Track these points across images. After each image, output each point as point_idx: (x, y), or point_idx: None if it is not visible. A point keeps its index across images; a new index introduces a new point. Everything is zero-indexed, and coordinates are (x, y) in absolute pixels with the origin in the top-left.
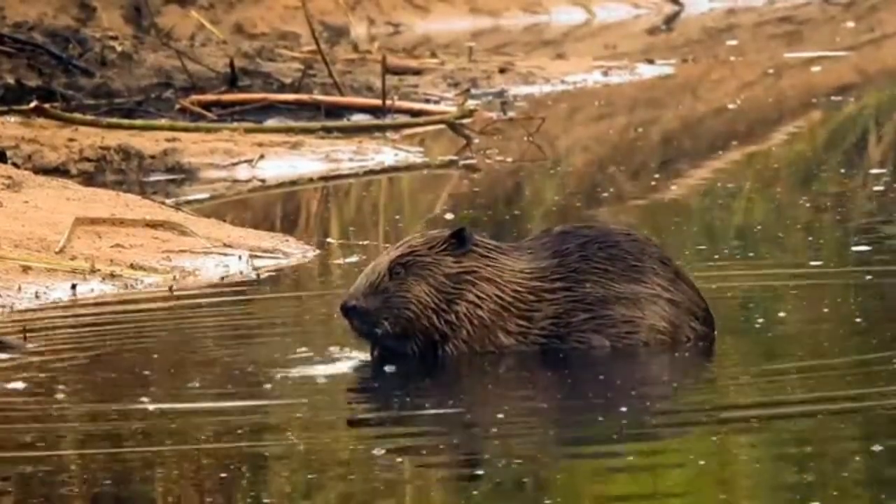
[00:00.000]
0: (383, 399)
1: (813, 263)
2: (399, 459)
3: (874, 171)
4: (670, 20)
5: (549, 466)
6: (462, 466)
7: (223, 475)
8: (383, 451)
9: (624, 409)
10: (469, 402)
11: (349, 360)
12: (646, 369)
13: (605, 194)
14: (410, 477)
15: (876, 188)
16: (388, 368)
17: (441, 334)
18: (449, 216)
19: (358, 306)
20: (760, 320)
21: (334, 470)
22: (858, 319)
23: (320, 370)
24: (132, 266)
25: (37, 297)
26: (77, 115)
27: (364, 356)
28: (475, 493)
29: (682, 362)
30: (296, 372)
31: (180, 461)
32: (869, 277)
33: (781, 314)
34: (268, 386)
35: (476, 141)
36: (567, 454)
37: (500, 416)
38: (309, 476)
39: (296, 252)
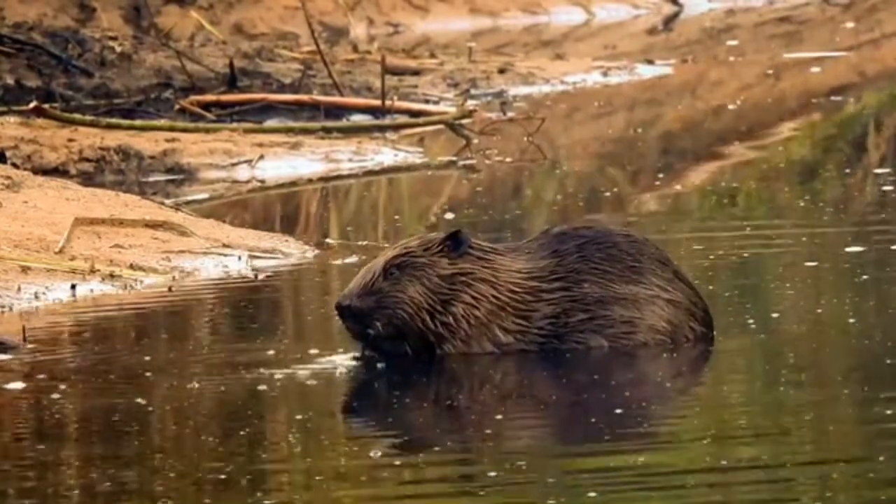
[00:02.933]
0: (380, 400)
1: (808, 263)
2: (397, 462)
3: (873, 170)
4: (670, 20)
5: (548, 467)
6: (460, 467)
7: (221, 477)
8: (380, 454)
9: (619, 410)
10: (466, 403)
11: (347, 360)
12: (645, 370)
13: (605, 194)
14: (408, 478)
15: (875, 188)
16: (380, 365)
17: (436, 335)
18: (449, 216)
19: (352, 306)
20: (753, 322)
21: (332, 472)
22: (852, 320)
23: (317, 371)
24: (132, 266)
25: (36, 297)
26: (76, 116)
27: (362, 356)
28: (473, 493)
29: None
30: (293, 373)
31: (178, 461)
32: (865, 277)
33: (775, 314)
34: (253, 388)
35: (475, 141)
36: (566, 454)
37: (499, 416)
38: (308, 477)
39: (295, 252)
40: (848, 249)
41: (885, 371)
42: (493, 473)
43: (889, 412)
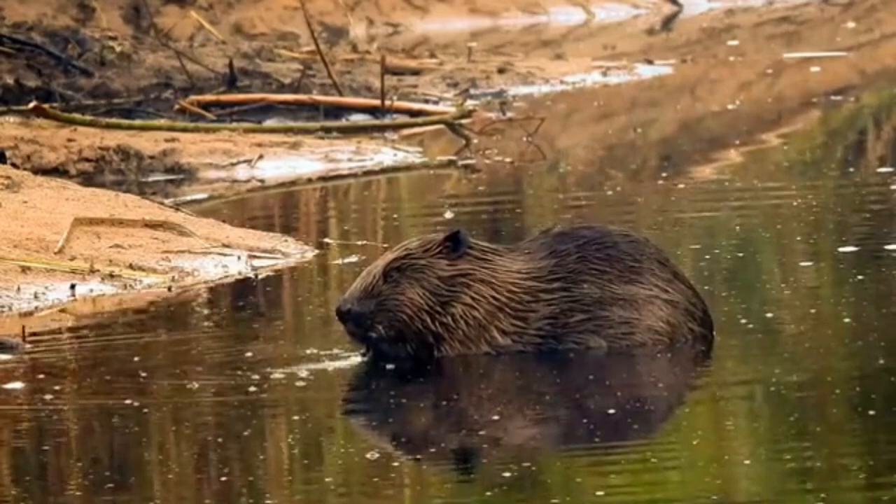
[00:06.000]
0: (378, 400)
1: (803, 264)
2: (395, 463)
3: (872, 171)
4: (669, 20)
5: (545, 467)
6: (457, 468)
7: (221, 479)
8: (378, 455)
9: (613, 411)
10: (464, 403)
11: (345, 360)
12: (643, 370)
13: (604, 194)
14: (405, 479)
15: (874, 188)
16: (389, 367)
17: (435, 336)
18: (448, 215)
19: (352, 310)
20: (750, 324)
21: (329, 472)
22: (847, 320)
23: (316, 371)
24: (131, 266)
25: (36, 297)
26: (76, 116)
27: (361, 357)
28: (471, 494)
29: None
30: (292, 373)
31: (177, 460)
32: (860, 278)
33: (769, 315)
34: (252, 388)
35: (475, 141)
36: (564, 455)
37: (496, 417)
38: (305, 478)
39: (295, 252)
40: (842, 249)
41: (879, 370)
42: (507, 474)
43: (875, 412)
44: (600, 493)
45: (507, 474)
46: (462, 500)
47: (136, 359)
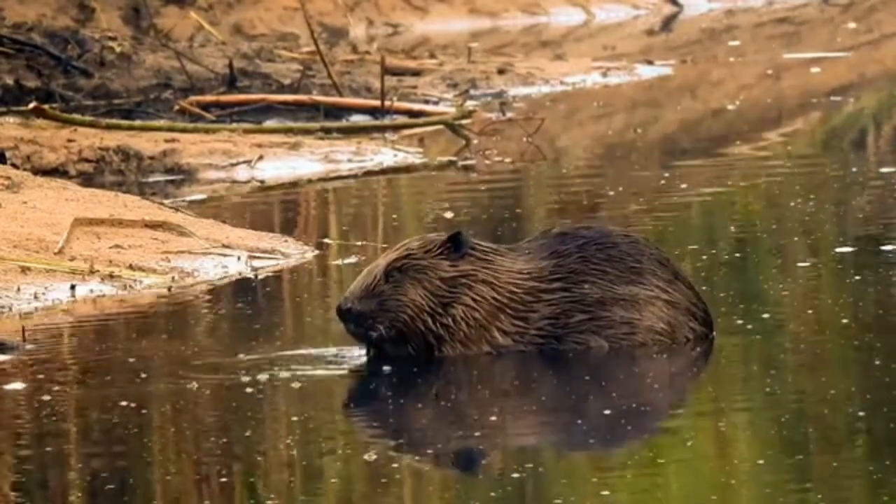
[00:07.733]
0: (377, 401)
1: (801, 265)
2: (394, 465)
3: (873, 171)
4: (669, 21)
5: (544, 467)
6: (457, 469)
7: (221, 480)
8: (375, 456)
9: (608, 411)
10: (462, 405)
11: (345, 361)
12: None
13: (604, 195)
14: (403, 480)
15: (875, 188)
16: (385, 368)
17: (436, 337)
18: (448, 215)
19: (353, 309)
20: (749, 325)
21: (328, 474)
22: (845, 321)
23: (316, 371)
24: (131, 267)
25: (36, 297)
26: (76, 116)
27: (360, 358)
28: (470, 494)
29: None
30: (291, 373)
31: (176, 462)
32: (857, 278)
33: (765, 315)
34: (251, 389)
35: (475, 141)
36: (563, 455)
37: (494, 418)
38: (304, 479)
39: (294, 253)
40: (839, 250)
41: (875, 369)
42: (516, 475)
43: (874, 414)
44: (605, 492)
45: (508, 475)
46: (462, 501)
47: (135, 359)
